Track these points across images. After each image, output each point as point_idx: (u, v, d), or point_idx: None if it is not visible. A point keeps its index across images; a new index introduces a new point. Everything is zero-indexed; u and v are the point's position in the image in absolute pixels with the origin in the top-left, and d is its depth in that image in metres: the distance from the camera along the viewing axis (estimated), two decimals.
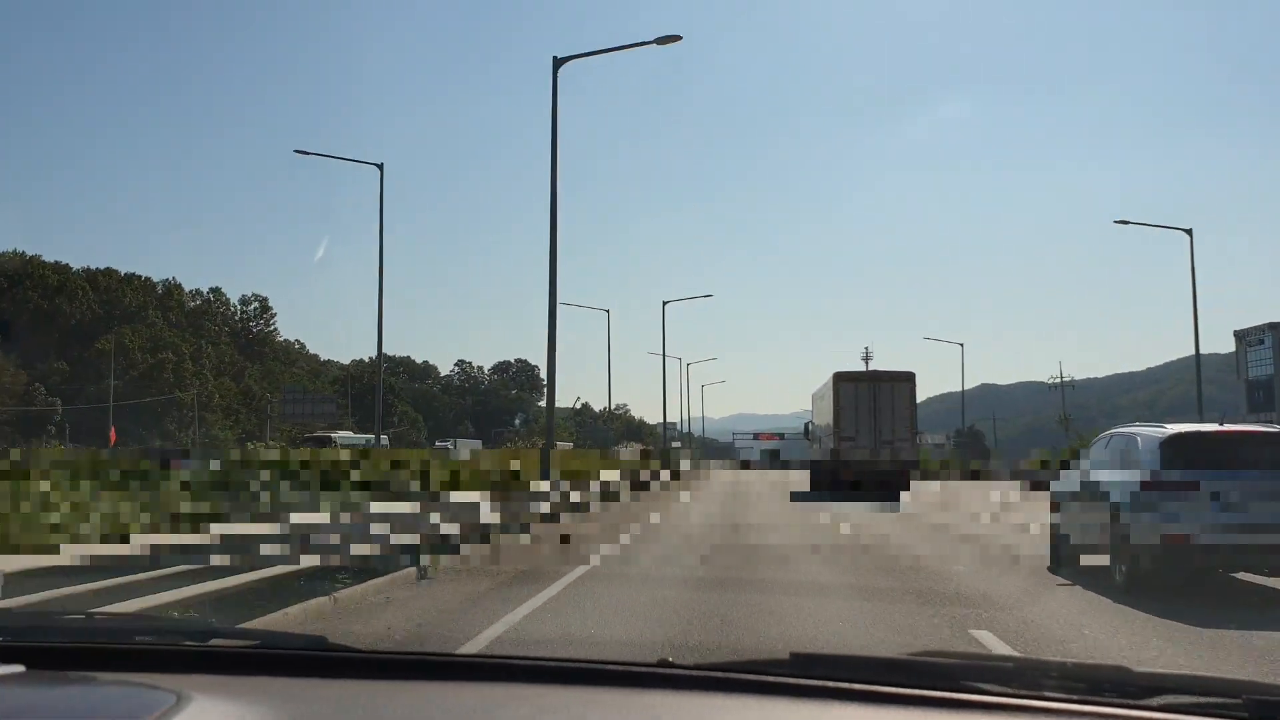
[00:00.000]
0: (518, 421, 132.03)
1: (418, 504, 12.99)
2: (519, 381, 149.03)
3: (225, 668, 2.01)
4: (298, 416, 67.24)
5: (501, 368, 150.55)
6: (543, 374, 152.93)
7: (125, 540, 8.80)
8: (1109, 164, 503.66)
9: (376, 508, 12.11)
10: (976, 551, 15.37)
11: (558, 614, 9.40)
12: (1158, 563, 10.40)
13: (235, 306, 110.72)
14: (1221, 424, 12.52)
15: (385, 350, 38.65)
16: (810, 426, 42.01)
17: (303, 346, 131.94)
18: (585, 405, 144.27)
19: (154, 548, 8.64)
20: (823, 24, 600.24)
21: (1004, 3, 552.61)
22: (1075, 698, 1.76)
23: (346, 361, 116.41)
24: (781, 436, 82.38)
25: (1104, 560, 11.35)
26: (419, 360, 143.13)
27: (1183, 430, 11.26)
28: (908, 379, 34.61)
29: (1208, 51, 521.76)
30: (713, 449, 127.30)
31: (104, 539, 9.34)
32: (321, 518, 11.10)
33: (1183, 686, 1.84)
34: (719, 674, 1.92)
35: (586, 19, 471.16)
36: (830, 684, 1.83)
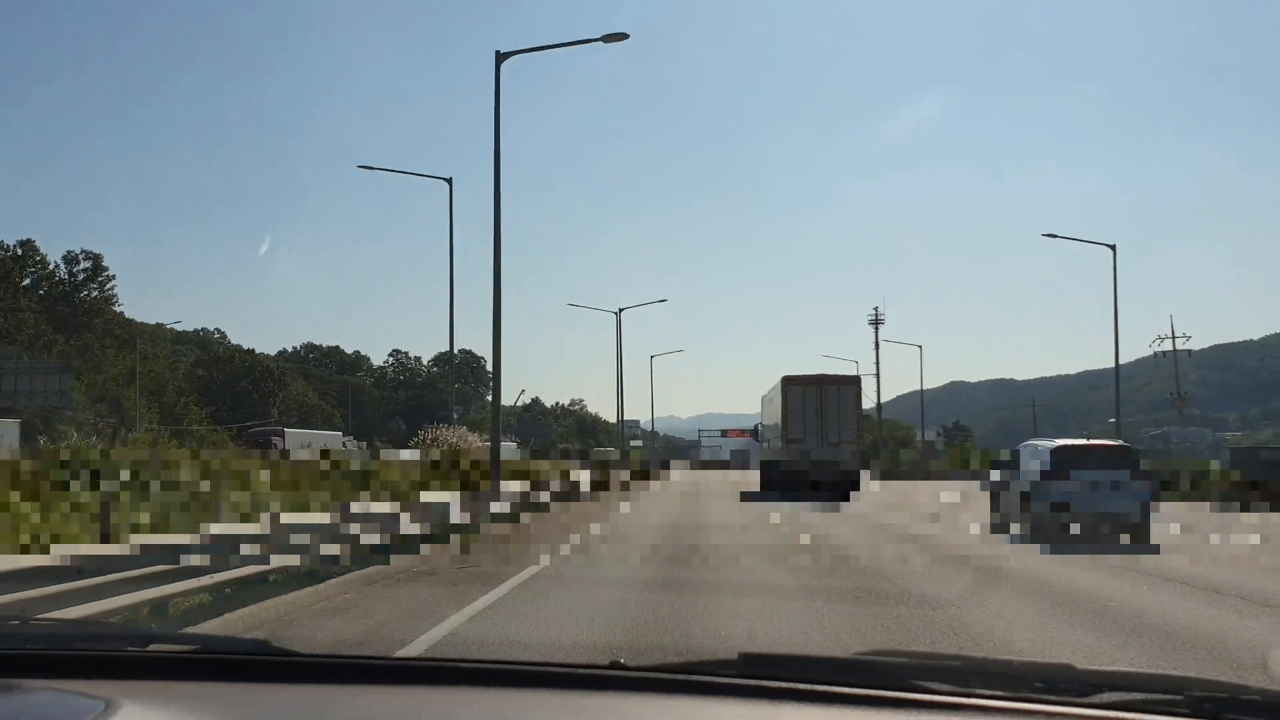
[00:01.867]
0: (456, 416, 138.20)
1: None
2: (462, 374, 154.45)
3: (162, 673, 2.19)
4: (24, 394, 56.85)
5: (442, 359, 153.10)
6: (489, 366, 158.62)
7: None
8: (1074, 166, 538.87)
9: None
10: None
11: None
12: (1047, 521, 19.84)
13: (57, 266, 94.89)
14: (1089, 439, 22.29)
15: (312, 340, 35.56)
16: (759, 428, 48.10)
17: (210, 330, 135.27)
18: (535, 400, 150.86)
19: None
20: (788, 24, 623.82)
21: (970, 6, 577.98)
22: (1021, 695, 2.00)
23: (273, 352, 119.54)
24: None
25: (1020, 523, 20.86)
26: (349, 350, 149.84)
27: (1065, 443, 20.96)
28: (853, 383, 41.29)
29: (1181, 56, 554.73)
30: (675, 447, 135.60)
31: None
32: None
33: (1127, 684, 2.10)
34: (669, 675, 2.14)
35: (545, 18, 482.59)
36: (780, 684, 2.06)
